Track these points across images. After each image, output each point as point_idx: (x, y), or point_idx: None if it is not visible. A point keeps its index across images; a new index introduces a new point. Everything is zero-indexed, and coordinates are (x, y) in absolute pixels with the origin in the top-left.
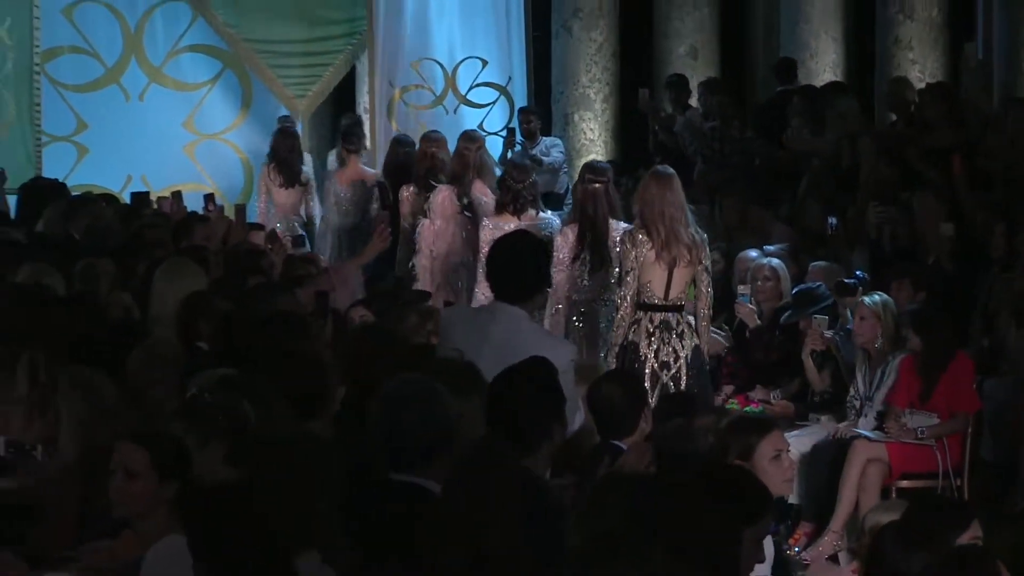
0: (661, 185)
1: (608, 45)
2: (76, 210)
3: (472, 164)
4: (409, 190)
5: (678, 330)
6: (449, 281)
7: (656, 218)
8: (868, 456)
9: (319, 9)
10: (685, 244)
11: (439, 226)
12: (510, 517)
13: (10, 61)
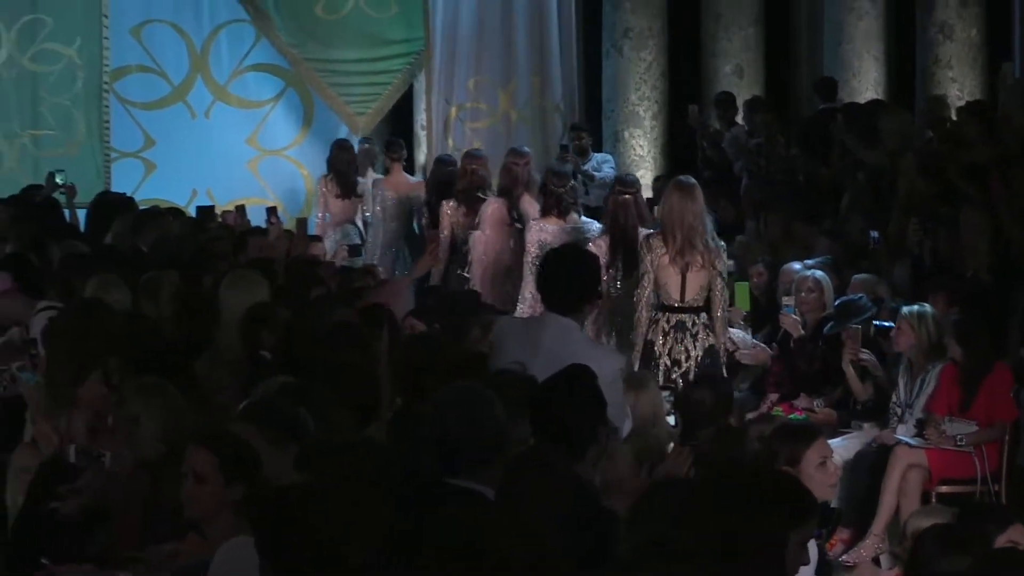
0: (683, 194)
1: (657, 64)
2: (143, 224)
3: (520, 178)
4: (450, 204)
5: (692, 331)
6: (498, 288)
7: (675, 225)
8: (909, 462)
9: (379, 30)
10: (699, 250)
11: (489, 236)
12: (560, 521)
13: (80, 80)
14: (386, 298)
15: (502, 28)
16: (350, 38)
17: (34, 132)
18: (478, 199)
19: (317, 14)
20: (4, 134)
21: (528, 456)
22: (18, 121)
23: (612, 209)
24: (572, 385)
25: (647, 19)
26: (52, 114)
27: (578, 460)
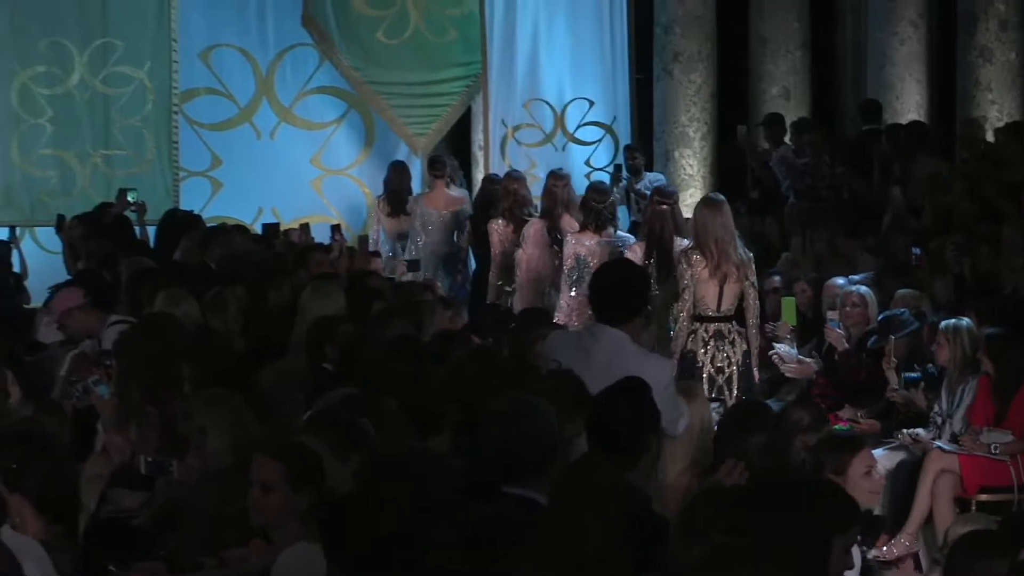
0: (712, 211)
1: (706, 87)
2: (211, 240)
3: (560, 199)
4: (497, 222)
5: (729, 338)
6: (539, 300)
7: (708, 240)
8: (941, 466)
9: (438, 54)
10: (734, 263)
11: (531, 254)
12: (612, 528)
13: (150, 102)
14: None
15: (556, 51)
16: (411, 61)
17: (106, 152)
18: (522, 217)
19: (379, 38)
20: (77, 154)
21: (580, 464)
22: (90, 141)
23: (649, 218)
24: (626, 397)
25: (697, 43)
26: (123, 135)
27: (631, 468)
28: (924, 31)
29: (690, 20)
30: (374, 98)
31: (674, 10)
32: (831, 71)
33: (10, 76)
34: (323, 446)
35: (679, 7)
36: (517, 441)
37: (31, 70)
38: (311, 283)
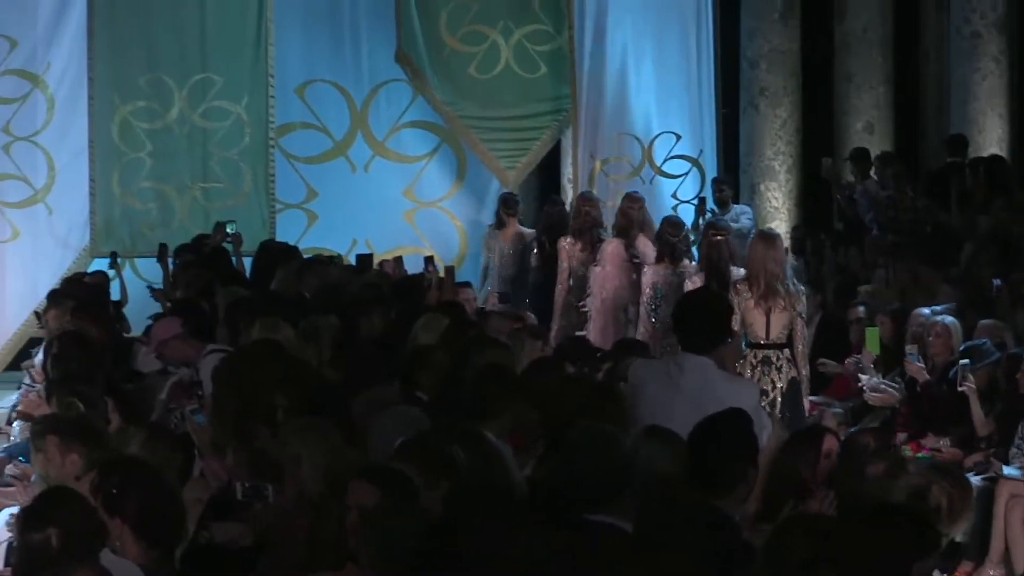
0: (766, 244)
1: (792, 121)
2: (306, 271)
3: (635, 220)
4: (567, 240)
5: (777, 364)
6: (616, 319)
7: (759, 272)
8: (1011, 492)
9: (528, 89)
10: (781, 294)
11: (608, 271)
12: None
13: (247, 136)
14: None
15: (644, 86)
16: (501, 97)
17: (204, 185)
18: (592, 237)
19: (471, 74)
20: (176, 186)
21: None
22: (189, 174)
23: (706, 250)
24: (725, 430)
25: (782, 79)
26: (221, 168)
27: (726, 496)
28: (1005, 66)
29: (776, 56)
30: (466, 132)
31: (760, 46)
32: (914, 106)
33: (111, 111)
34: (414, 471)
35: (765, 43)
36: (596, 469)
37: (132, 105)
38: (424, 315)
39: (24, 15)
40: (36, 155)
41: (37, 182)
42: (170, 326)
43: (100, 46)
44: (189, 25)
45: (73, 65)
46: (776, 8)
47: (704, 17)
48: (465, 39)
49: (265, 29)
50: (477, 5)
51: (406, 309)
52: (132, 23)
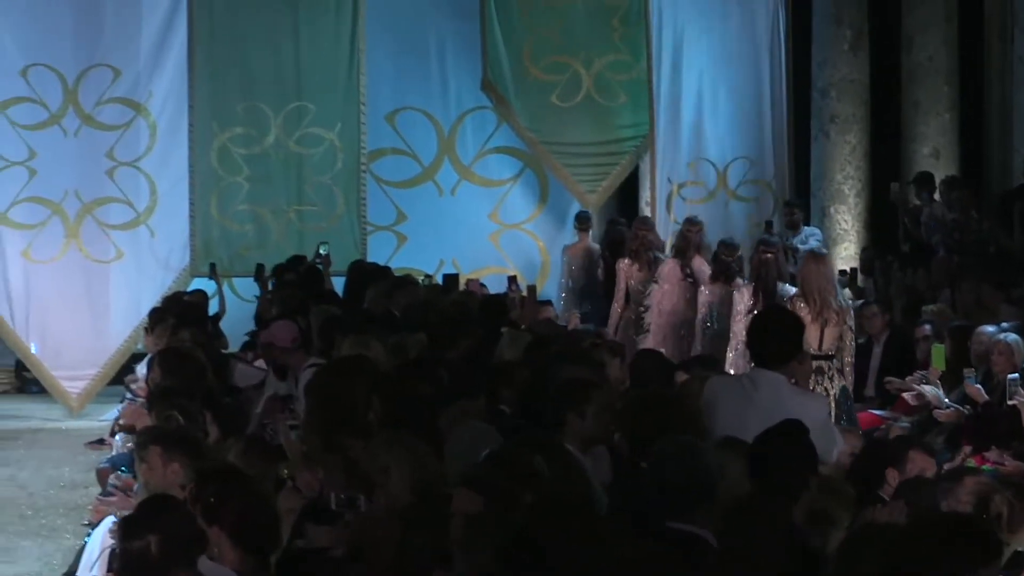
0: (817, 263)
1: (860, 147)
2: (395, 290)
3: (692, 242)
4: (624, 261)
5: (828, 374)
6: (673, 333)
7: (812, 289)
8: None
9: (609, 116)
10: (834, 309)
11: (666, 289)
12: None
13: (340, 161)
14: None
15: (719, 113)
16: (583, 123)
17: (298, 207)
18: (648, 257)
19: (553, 102)
20: (271, 209)
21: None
22: (284, 198)
23: (756, 265)
24: (785, 440)
25: (851, 106)
26: (315, 191)
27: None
28: None
29: (846, 85)
30: (548, 157)
31: (831, 75)
32: (978, 132)
33: (210, 137)
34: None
35: (835, 72)
36: (683, 478)
37: (230, 131)
38: (506, 332)
39: (128, 46)
40: (139, 180)
41: (140, 205)
42: (288, 331)
43: (200, 75)
44: (285, 55)
45: (174, 94)
46: (846, 40)
47: (777, 48)
48: (548, 69)
49: (357, 59)
50: (560, 36)
51: (491, 327)
52: (230, 54)
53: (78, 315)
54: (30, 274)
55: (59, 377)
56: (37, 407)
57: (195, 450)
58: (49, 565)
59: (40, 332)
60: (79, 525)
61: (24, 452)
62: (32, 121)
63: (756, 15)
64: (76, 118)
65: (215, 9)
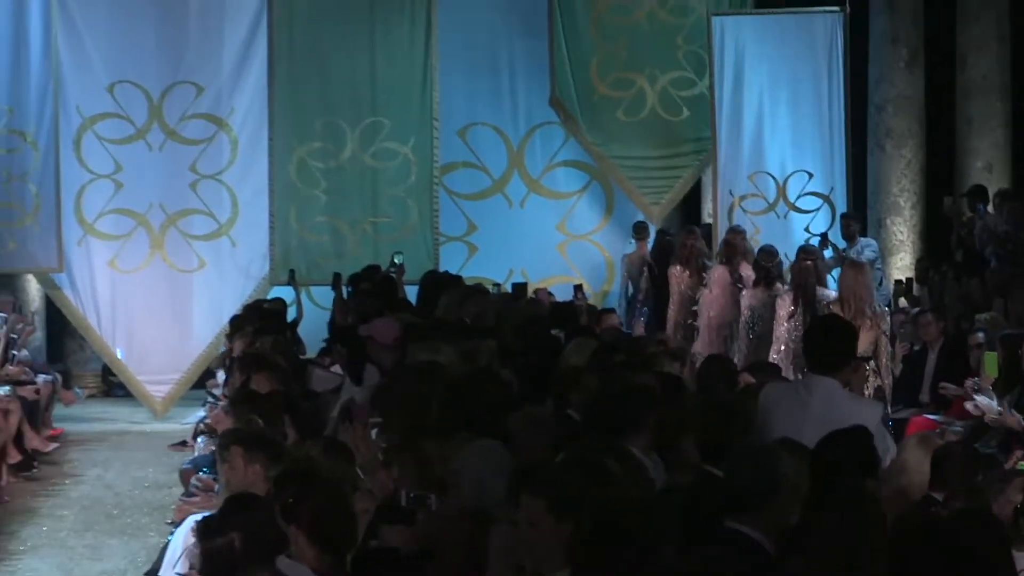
0: (855, 271)
1: (916, 161)
2: (467, 298)
3: (739, 249)
4: (675, 268)
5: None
6: (720, 335)
7: (849, 296)
8: None
9: (672, 131)
10: (868, 315)
11: (715, 294)
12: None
13: (414, 174)
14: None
15: (779, 128)
16: (647, 138)
17: (374, 219)
18: (697, 265)
19: (619, 117)
20: (348, 221)
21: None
22: (360, 209)
23: (796, 272)
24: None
25: (907, 122)
26: (389, 203)
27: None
28: None
29: (901, 101)
30: (614, 170)
31: (887, 92)
32: None
33: (289, 152)
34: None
35: (891, 89)
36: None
37: (308, 146)
38: (574, 340)
39: (210, 63)
40: (221, 192)
41: (221, 217)
42: (391, 329)
43: (279, 92)
44: (361, 73)
45: (255, 109)
46: (902, 57)
47: (835, 65)
48: (614, 85)
49: (430, 76)
50: (625, 54)
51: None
52: (309, 71)
53: (162, 322)
54: (116, 283)
55: (144, 382)
56: (123, 410)
57: (275, 451)
58: (134, 562)
59: (126, 339)
60: (163, 524)
61: (110, 454)
62: (118, 136)
63: (815, 34)
64: (161, 133)
65: (294, 29)
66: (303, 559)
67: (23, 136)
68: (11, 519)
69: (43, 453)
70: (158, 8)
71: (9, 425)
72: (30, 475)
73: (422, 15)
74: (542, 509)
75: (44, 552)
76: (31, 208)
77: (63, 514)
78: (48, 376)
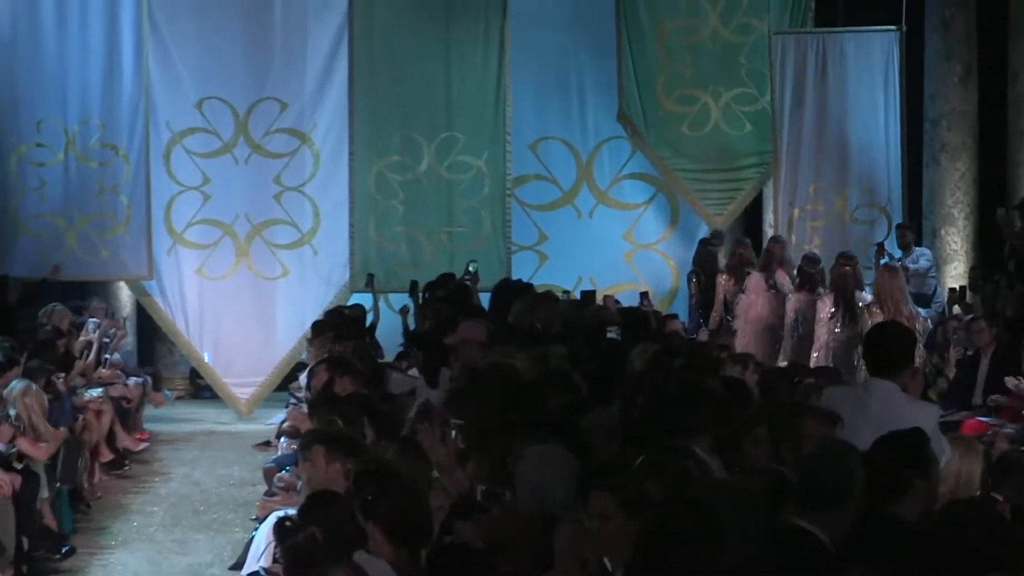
0: (891, 275)
1: (969, 173)
2: (538, 305)
3: (776, 257)
4: (722, 276)
5: None
6: (757, 337)
7: (885, 297)
8: None
9: (735, 145)
10: (904, 315)
11: (752, 299)
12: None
13: (487, 187)
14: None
15: (838, 142)
16: (711, 152)
17: (449, 229)
18: (742, 273)
19: (684, 132)
20: (424, 231)
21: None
22: (435, 220)
23: (836, 277)
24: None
25: (961, 136)
26: (464, 214)
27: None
28: None
29: (955, 116)
30: (679, 182)
31: (941, 107)
32: None
33: (369, 165)
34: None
35: (946, 104)
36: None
37: (386, 159)
38: (639, 345)
39: (294, 81)
40: (303, 203)
41: (304, 227)
42: (476, 329)
43: (359, 108)
44: (437, 90)
45: (336, 125)
46: (956, 74)
47: (892, 82)
48: (679, 101)
49: (503, 93)
50: (690, 72)
51: (629, 337)
52: (387, 89)
53: (247, 327)
54: (204, 290)
55: (230, 384)
56: (210, 411)
57: (355, 451)
58: (220, 556)
59: (213, 343)
60: (247, 520)
61: (198, 453)
62: (206, 150)
63: (873, 52)
64: (246, 147)
65: (374, 49)
66: (380, 554)
67: (115, 150)
68: (103, 515)
69: (134, 452)
70: (244, 28)
71: (102, 425)
72: (121, 473)
73: (495, 36)
74: (612, 505)
75: (134, 546)
76: (123, 218)
77: (152, 510)
78: (139, 378)
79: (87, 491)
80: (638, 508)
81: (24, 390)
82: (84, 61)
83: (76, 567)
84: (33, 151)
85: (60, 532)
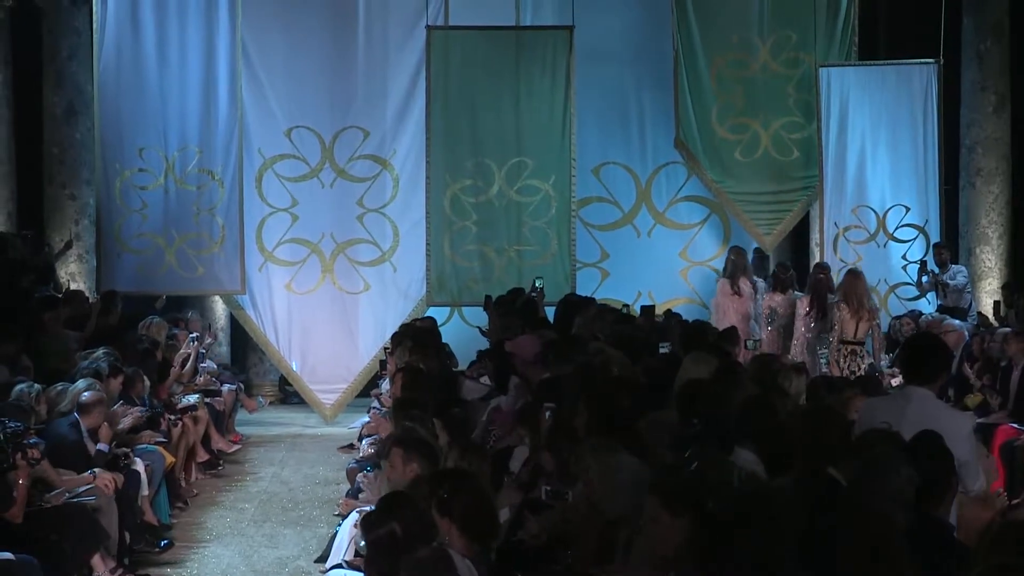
0: (855, 278)
1: (1003, 196)
2: (600, 317)
3: (739, 266)
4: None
5: (860, 354)
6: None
7: (851, 296)
8: None
9: (783, 169)
10: (867, 310)
11: (719, 302)
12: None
13: (554, 208)
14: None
15: (879, 167)
16: (761, 176)
17: (518, 247)
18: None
19: (736, 157)
20: (495, 249)
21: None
22: (505, 239)
23: (813, 283)
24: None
25: (995, 161)
26: (532, 234)
27: (937, 505)
28: None
29: (990, 142)
30: (731, 204)
31: (977, 134)
32: None
33: (444, 188)
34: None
35: (981, 131)
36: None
37: (460, 183)
38: (691, 353)
39: (375, 111)
40: (383, 224)
41: (384, 245)
42: (532, 345)
43: (436, 136)
44: (507, 119)
45: (414, 151)
46: (990, 103)
47: (930, 110)
48: (732, 129)
49: (569, 122)
50: (742, 102)
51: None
52: (461, 118)
53: (332, 338)
54: (292, 304)
55: (315, 390)
56: (297, 416)
57: (430, 453)
58: (306, 550)
59: (300, 352)
60: (331, 516)
61: (286, 454)
62: (294, 174)
63: (912, 83)
64: (331, 172)
65: (449, 82)
66: (454, 547)
67: (211, 175)
68: (199, 511)
69: (227, 453)
70: (330, 64)
71: (198, 428)
72: (216, 472)
73: (562, 69)
74: (658, 506)
75: (227, 540)
76: (217, 238)
77: (244, 507)
78: (232, 385)
79: (184, 489)
80: (683, 509)
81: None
82: (183, 93)
83: (174, 559)
84: (136, 176)
85: (159, 527)
